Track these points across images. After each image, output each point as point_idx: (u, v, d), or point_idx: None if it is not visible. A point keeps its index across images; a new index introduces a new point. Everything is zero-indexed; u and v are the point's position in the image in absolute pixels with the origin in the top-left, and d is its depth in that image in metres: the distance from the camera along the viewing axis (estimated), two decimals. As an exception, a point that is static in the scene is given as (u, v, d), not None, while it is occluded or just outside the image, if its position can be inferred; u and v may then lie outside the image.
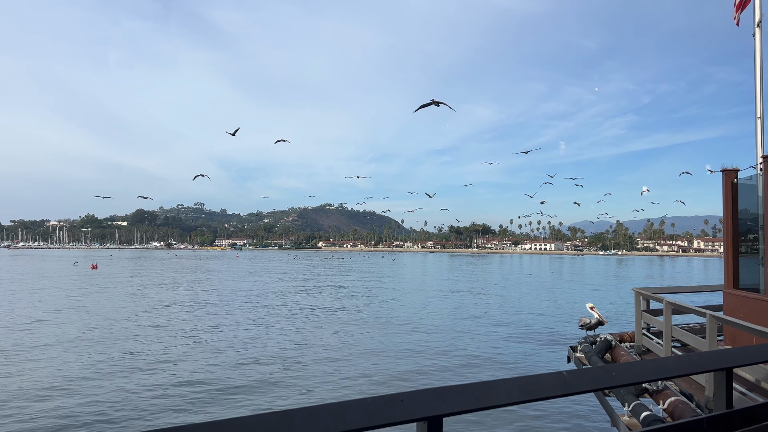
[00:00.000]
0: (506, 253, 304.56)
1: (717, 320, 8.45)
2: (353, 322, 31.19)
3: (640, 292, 12.18)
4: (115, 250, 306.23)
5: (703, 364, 4.21)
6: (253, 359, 20.39)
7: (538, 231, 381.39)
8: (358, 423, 2.41)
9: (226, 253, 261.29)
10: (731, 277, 11.51)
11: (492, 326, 29.81)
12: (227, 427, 2.14)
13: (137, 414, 13.75)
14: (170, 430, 2.04)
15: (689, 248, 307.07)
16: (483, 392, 2.84)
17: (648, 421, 6.94)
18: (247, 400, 15.14)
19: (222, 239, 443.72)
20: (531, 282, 71.16)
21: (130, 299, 42.89)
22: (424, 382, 17.33)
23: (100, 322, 29.80)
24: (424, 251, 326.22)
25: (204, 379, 17.37)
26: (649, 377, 4.01)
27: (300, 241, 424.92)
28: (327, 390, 16.28)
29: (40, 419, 13.24)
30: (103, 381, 16.91)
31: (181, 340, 24.20)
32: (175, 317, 32.20)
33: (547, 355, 21.96)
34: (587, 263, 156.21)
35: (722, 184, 11.60)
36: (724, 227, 11.92)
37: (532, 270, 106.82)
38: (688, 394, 7.92)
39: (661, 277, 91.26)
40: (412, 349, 22.88)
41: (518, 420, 13.43)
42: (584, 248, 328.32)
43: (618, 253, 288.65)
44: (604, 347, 11.29)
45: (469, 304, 41.44)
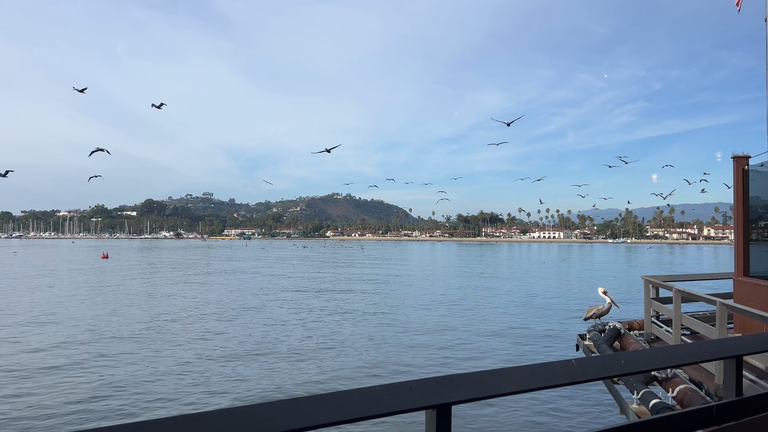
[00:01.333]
0: (514, 241, 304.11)
1: (727, 308, 8.42)
2: (363, 310, 31.31)
3: (650, 280, 12.13)
4: (125, 240, 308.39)
5: (713, 351, 4.19)
6: (262, 347, 20.53)
7: (546, 219, 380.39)
8: (368, 410, 2.43)
9: (235, 243, 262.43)
10: (742, 264, 11.43)
11: (501, 315, 29.84)
12: (237, 415, 2.16)
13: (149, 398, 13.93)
14: (180, 417, 2.06)
15: (699, 236, 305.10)
16: (492, 380, 2.85)
17: (657, 408, 6.93)
18: (257, 388, 15.27)
19: (231, 229, 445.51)
20: (543, 270, 71.07)
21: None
22: (434, 370, 17.40)
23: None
24: (432, 240, 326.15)
25: (211, 368, 17.52)
26: (659, 365, 4.00)
27: (308, 230, 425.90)
28: (337, 378, 16.39)
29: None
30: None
31: (197, 327, 24.42)
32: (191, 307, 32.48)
33: (555, 344, 21.97)
34: (596, 251, 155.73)
35: (733, 171, 11.50)
36: (735, 214, 11.83)
37: (541, 258, 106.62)
38: (698, 382, 7.90)
39: (671, 264, 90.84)
40: (422, 337, 22.95)
41: (526, 408, 13.47)
42: (593, 236, 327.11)
43: (627, 241, 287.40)
44: (613, 335, 11.27)
45: (479, 293, 41.47)
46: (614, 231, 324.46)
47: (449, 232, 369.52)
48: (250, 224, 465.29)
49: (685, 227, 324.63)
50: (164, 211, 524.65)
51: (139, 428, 1.97)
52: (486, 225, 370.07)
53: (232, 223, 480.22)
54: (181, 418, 2.06)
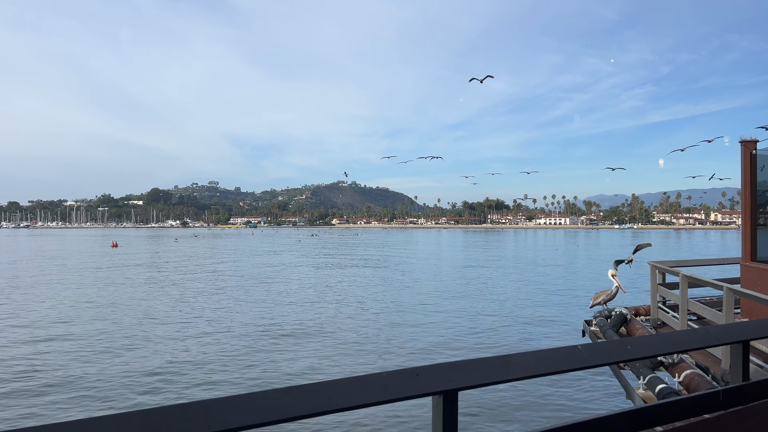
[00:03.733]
0: (520, 228, 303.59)
1: (734, 293, 8.39)
2: (370, 297, 31.41)
3: (656, 265, 12.10)
4: (132, 229, 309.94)
5: (720, 336, 4.19)
6: (270, 332, 20.65)
7: (552, 206, 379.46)
8: (375, 397, 2.44)
9: (241, 231, 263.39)
10: (749, 249, 11.38)
11: (506, 301, 29.87)
12: (244, 402, 2.18)
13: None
14: (188, 405, 2.08)
15: (706, 221, 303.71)
16: (498, 366, 2.86)
17: (663, 393, 6.94)
18: (263, 375, 15.38)
19: (237, 217, 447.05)
20: (551, 256, 71.03)
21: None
22: (440, 357, 17.48)
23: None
24: (438, 227, 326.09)
25: (220, 355, 17.65)
26: (665, 350, 4.00)
27: (314, 218, 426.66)
28: (344, 365, 16.48)
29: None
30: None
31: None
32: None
33: (561, 330, 22.00)
34: (602, 237, 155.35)
35: (741, 156, 11.41)
36: (743, 199, 11.76)
37: (546, 244, 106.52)
38: (704, 367, 7.90)
39: (678, 249, 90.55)
40: (427, 324, 23.02)
41: (533, 393, 13.53)
42: (599, 222, 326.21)
43: (633, 227, 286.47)
44: (619, 321, 11.27)
45: (486, 279, 41.51)
46: (621, 217, 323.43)
47: (455, 219, 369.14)
48: (256, 212, 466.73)
49: (692, 212, 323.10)
50: (170, 200, 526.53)
51: (148, 415, 1.99)
52: (492, 212, 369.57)
53: (238, 212, 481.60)
54: (188, 405, 2.08)
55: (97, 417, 1.90)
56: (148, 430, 1.94)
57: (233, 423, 2.09)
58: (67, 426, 1.86)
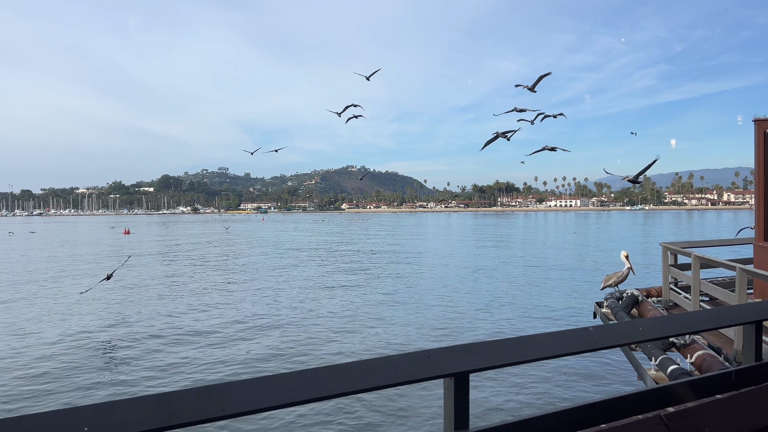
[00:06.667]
0: (531, 210, 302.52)
1: (747, 273, 8.33)
2: (383, 282, 31.52)
3: (668, 246, 12.04)
4: (144, 216, 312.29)
5: (732, 317, 4.17)
6: (279, 319, 20.82)
7: (563, 188, 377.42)
8: (387, 379, 2.47)
9: (252, 217, 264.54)
10: (762, 229, 11.28)
11: (517, 284, 29.86)
12: (258, 385, 2.20)
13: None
14: (204, 388, 2.11)
15: (719, 201, 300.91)
16: (509, 348, 2.87)
17: (675, 374, 6.94)
18: (276, 359, 15.53)
19: (247, 203, 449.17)
20: (568, 239, 70.83)
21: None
22: (450, 339, 17.54)
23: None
24: (448, 211, 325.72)
25: (234, 339, 17.83)
26: (677, 331, 3.99)
27: (323, 203, 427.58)
28: (356, 348, 16.60)
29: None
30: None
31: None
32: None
33: (572, 311, 21.98)
34: (613, 219, 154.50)
35: (754, 135, 11.27)
36: (756, 179, 11.62)
37: (558, 227, 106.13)
38: (717, 347, 7.89)
39: (690, 230, 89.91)
40: (437, 307, 23.08)
41: (543, 375, 13.56)
42: (610, 204, 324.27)
43: (645, 208, 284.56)
44: (631, 302, 11.25)
45: (495, 262, 41.49)
46: (632, 198, 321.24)
47: (465, 203, 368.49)
48: (266, 198, 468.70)
49: (704, 193, 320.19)
50: (181, 187, 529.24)
51: (164, 399, 2.02)
52: (502, 195, 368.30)
53: (248, 197, 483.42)
54: (204, 389, 2.12)
55: (112, 401, 1.93)
56: (163, 413, 1.97)
57: (247, 406, 2.12)
58: (83, 410, 1.89)
